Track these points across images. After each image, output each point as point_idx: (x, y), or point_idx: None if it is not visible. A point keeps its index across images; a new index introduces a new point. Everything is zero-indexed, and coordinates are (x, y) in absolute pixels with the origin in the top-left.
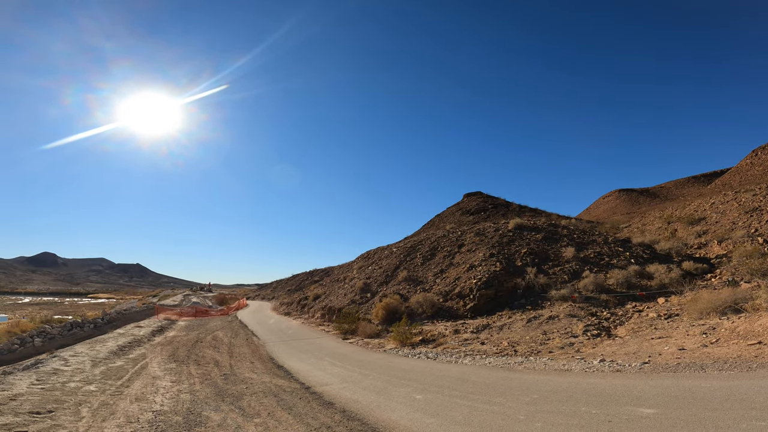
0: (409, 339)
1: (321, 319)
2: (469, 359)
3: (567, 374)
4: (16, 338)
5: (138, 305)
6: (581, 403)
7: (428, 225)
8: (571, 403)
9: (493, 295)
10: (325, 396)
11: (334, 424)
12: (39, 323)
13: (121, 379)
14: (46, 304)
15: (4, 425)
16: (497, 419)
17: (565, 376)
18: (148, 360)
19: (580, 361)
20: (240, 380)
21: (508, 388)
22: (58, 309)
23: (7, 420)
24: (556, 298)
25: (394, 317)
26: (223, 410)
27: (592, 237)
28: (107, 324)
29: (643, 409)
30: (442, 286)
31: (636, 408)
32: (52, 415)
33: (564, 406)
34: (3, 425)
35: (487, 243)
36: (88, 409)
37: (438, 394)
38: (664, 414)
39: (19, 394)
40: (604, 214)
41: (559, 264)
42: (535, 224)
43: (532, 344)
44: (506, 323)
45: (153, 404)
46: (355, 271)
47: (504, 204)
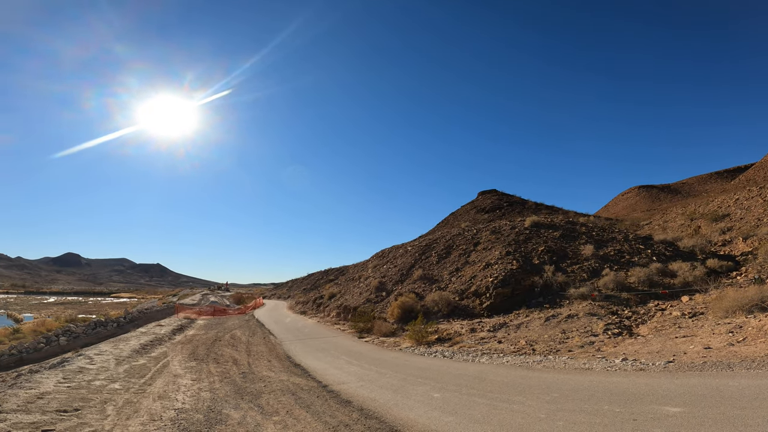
0: (425, 338)
1: (336, 318)
2: (486, 358)
3: (588, 373)
4: (42, 337)
5: (158, 304)
6: (604, 402)
7: (443, 223)
8: (593, 401)
9: (509, 293)
10: (343, 394)
11: (352, 422)
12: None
13: (144, 377)
14: (71, 303)
15: (31, 423)
16: (517, 418)
17: (586, 375)
18: (170, 358)
19: (601, 360)
20: (258, 378)
21: (527, 386)
22: (83, 308)
23: (34, 418)
24: (575, 297)
25: (409, 316)
26: (242, 408)
27: (612, 234)
28: (129, 323)
29: (669, 407)
30: (457, 284)
31: (662, 407)
32: (78, 413)
33: (586, 404)
34: (31, 423)
35: (503, 241)
36: (113, 407)
37: (456, 392)
38: (692, 413)
39: (46, 392)
40: (623, 212)
41: (578, 262)
42: (552, 222)
43: (551, 343)
44: (524, 322)
45: (175, 402)
46: (370, 270)
47: (519, 202)
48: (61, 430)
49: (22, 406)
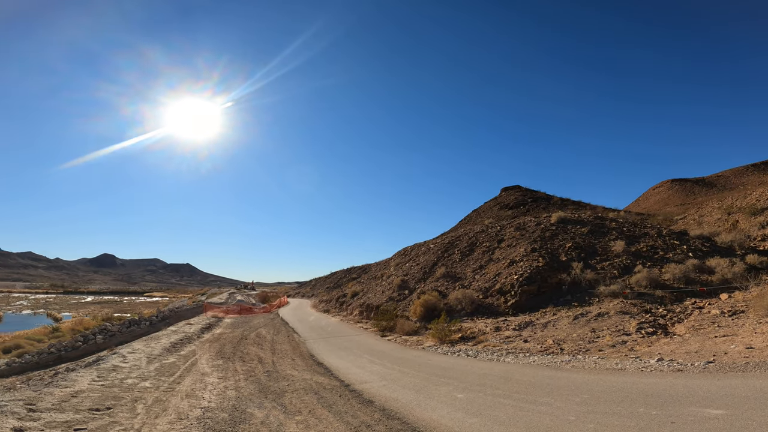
0: (448, 336)
1: (359, 317)
2: (511, 357)
3: (621, 374)
4: (80, 335)
5: (188, 303)
6: (639, 404)
7: (465, 220)
8: (627, 403)
9: (535, 291)
10: (365, 394)
11: (373, 422)
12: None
13: (173, 375)
14: (107, 302)
15: (64, 422)
16: (545, 419)
17: (619, 376)
18: (198, 357)
19: (635, 360)
20: (282, 377)
21: (555, 387)
22: (118, 307)
23: (68, 417)
24: (605, 294)
25: (432, 314)
26: (266, 407)
27: (644, 230)
28: (161, 321)
29: (710, 410)
30: (481, 282)
31: (702, 409)
32: (110, 411)
33: (619, 407)
34: (64, 422)
35: (528, 237)
36: (143, 406)
37: (480, 393)
38: (735, 415)
39: (81, 390)
40: (655, 206)
41: (608, 258)
42: (579, 217)
43: (580, 342)
44: (551, 320)
45: (201, 401)
46: (392, 268)
47: (544, 197)
48: (92, 428)
49: (57, 404)
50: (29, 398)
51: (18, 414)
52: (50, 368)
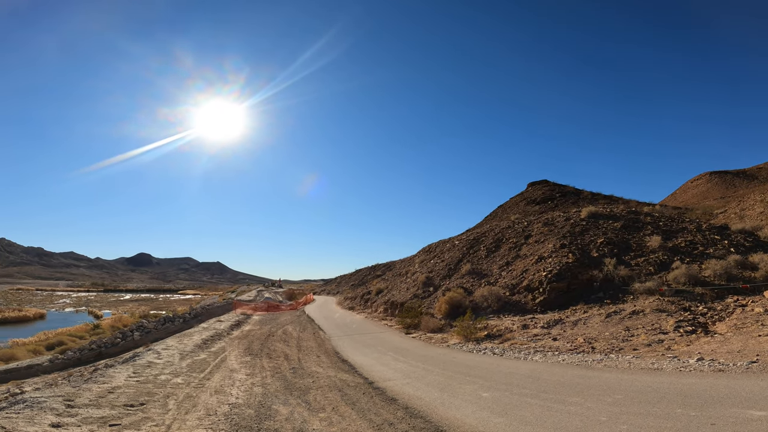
0: (474, 334)
1: (384, 314)
2: (539, 356)
3: (657, 374)
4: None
5: (219, 301)
6: (676, 405)
7: (491, 216)
8: (663, 404)
9: (565, 288)
10: (388, 392)
11: (396, 420)
12: (138, 318)
13: (203, 371)
14: (143, 300)
15: (100, 418)
16: (574, 420)
17: (655, 376)
18: (227, 353)
19: (672, 360)
20: (307, 374)
21: (585, 387)
22: (153, 305)
23: (103, 413)
24: (640, 292)
25: (457, 311)
26: (290, 404)
27: (682, 224)
28: (193, 318)
29: (753, 411)
30: (508, 279)
31: (744, 410)
32: (143, 407)
33: (655, 407)
34: (99, 418)
35: (557, 233)
36: (174, 402)
37: (506, 392)
38: None
39: (117, 386)
40: (693, 200)
41: (643, 254)
42: (611, 212)
43: (613, 341)
44: (581, 318)
45: (229, 397)
46: (416, 265)
47: (573, 192)
48: (126, 424)
49: (94, 400)
50: (68, 394)
51: (57, 410)
52: (90, 364)
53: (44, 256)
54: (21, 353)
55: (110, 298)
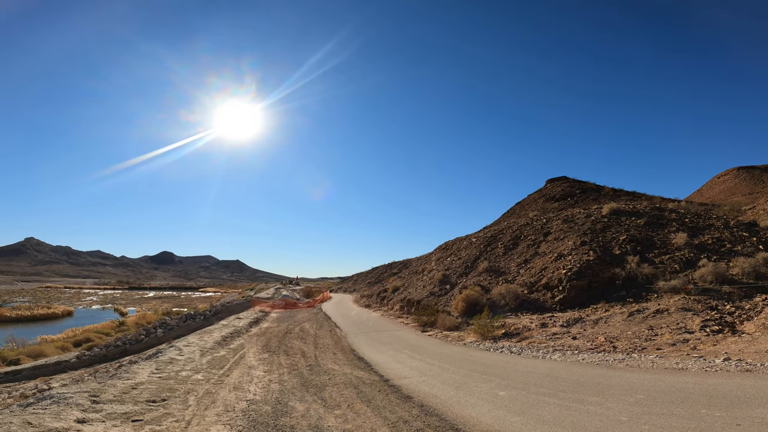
0: (491, 332)
1: (400, 311)
2: (558, 355)
3: (681, 373)
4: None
5: (238, 298)
6: (701, 405)
7: (508, 213)
8: (687, 404)
9: (586, 286)
10: (404, 389)
11: (411, 418)
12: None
13: (223, 368)
14: (166, 297)
15: (123, 414)
16: (593, 420)
17: (679, 376)
18: (246, 350)
19: (698, 360)
20: (323, 371)
21: (606, 386)
22: (176, 302)
23: (127, 408)
24: (664, 290)
25: (474, 309)
26: (307, 401)
27: (709, 221)
28: (214, 315)
29: None
30: (526, 277)
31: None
32: (165, 403)
33: (678, 407)
34: (123, 413)
35: (577, 230)
36: (194, 398)
37: (523, 390)
38: None
39: (140, 383)
40: (720, 196)
41: (668, 252)
42: (634, 208)
43: (635, 340)
44: (602, 317)
45: (247, 393)
46: (433, 263)
47: (594, 188)
48: (148, 419)
49: (118, 396)
50: (94, 390)
51: (82, 406)
52: (115, 360)
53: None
54: (49, 350)
55: (135, 295)
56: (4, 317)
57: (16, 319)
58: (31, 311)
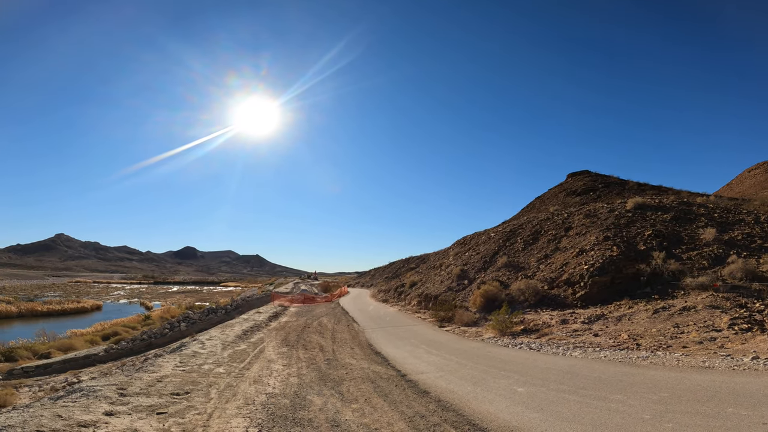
0: (510, 328)
1: (417, 306)
2: (579, 351)
3: (708, 372)
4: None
5: (258, 293)
6: (727, 404)
7: (528, 208)
8: (713, 403)
9: (609, 282)
10: (421, 384)
11: (428, 413)
12: (184, 309)
13: (243, 361)
14: (189, 292)
15: (149, 406)
16: (615, 417)
17: (705, 374)
18: (265, 344)
19: (725, 358)
20: (341, 365)
21: (628, 384)
22: (198, 296)
23: (152, 401)
24: (691, 287)
25: (492, 305)
26: (324, 394)
27: (739, 216)
28: (234, 310)
29: None
30: (546, 272)
31: None
32: (188, 396)
33: (704, 406)
34: (148, 406)
35: (600, 225)
36: (216, 391)
37: (542, 387)
38: None
39: (165, 376)
40: (750, 190)
41: (696, 248)
42: (661, 203)
43: (660, 338)
44: (626, 314)
45: (267, 387)
46: (451, 258)
47: (617, 182)
48: (172, 412)
49: (144, 389)
50: (121, 383)
51: (110, 398)
52: (141, 354)
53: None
54: (79, 343)
55: (159, 290)
56: (36, 311)
57: (48, 313)
58: (61, 306)
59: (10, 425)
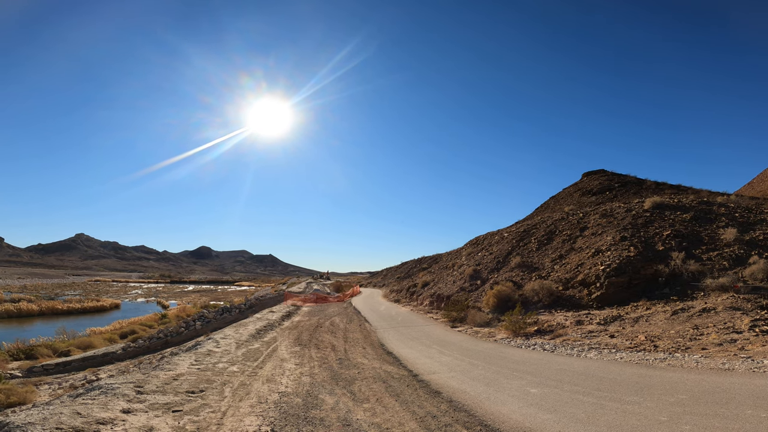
0: (523, 329)
1: (429, 307)
2: (594, 353)
3: (727, 374)
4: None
5: (271, 292)
6: (746, 407)
7: (542, 208)
8: (732, 405)
9: (626, 283)
10: (432, 384)
11: (440, 413)
12: (199, 308)
13: (256, 360)
14: (204, 291)
15: (165, 404)
16: (630, 419)
17: (725, 376)
18: (278, 343)
19: (745, 360)
20: (353, 365)
21: (645, 386)
22: (213, 296)
23: (168, 399)
24: (711, 288)
25: (506, 305)
26: (336, 394)
27: (761, 215)
28: (248, 309)
29: None
30: (561, 273)
31: None
32: (202, 394)
33: (722, 408)
34: (164, 404)
35: (616, 225)
36: (230, 389)
37: (556, 388)
38: None
39: (180, 374)
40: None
41: (716, 248)
42: (679, 202)
43: (679, 339)
44: (643, 315)
45: (279, 386)
46: (463, 258)
47: (635, 181)
48: (186, 410)
49: (160, 387)
50: (138, 381)
51: (128, 396)
52: (158, 352)
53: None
54: (98, 341)
55: (176, 289)
56: (56, 310)
57: (68, 311)
58: (81, 304)
59: (29, 423)
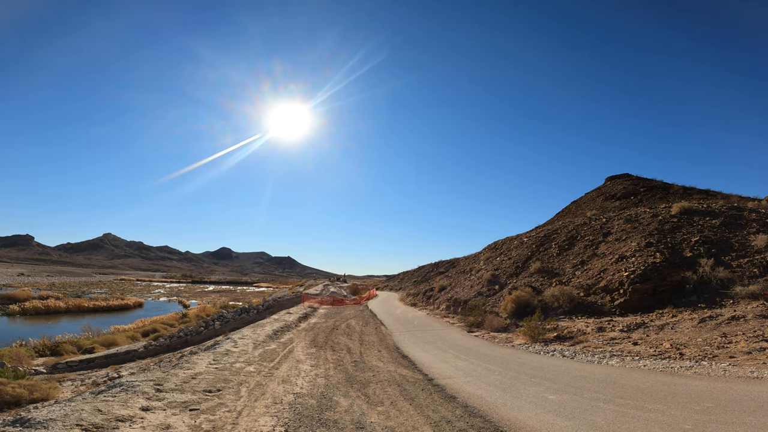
0: (542, 335)
1: (446, 311)
2: (616, 360)
3: (756, 382)
4: (202, 321)
5: (289, 294)
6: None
7: (563, 213)
8: (759, 413)
9: (651, 290)
10: (448, 389)
11: (454, 418)
12: (219, 308)
13: (273, 361)
14: (224, 292)
15: (182, 402)
16: (653, 427)
17: (754, 385)
18: (294, 344)
19: None
20: (368, 368)
21: (669, 394)
22: (232, 296)
23: (186, 398)
24: (741, 296)
25: (524, 311)
26: (351, 396)
27: None
28: (266, 310)
29: None
30: (582, 279)
31: None
32: (219, 393)
33: (750, 417)
34: (182, 402)
35: (641, 231)
36: (246, 389)
37: (575, 395)
38: None
39: (199, 373)
40: None
41: (747, 255)
42: (708, 208)
43: (706, 347)
44: (668, 322)
45: (294, 387)
46: (482, 263)
47: (661, 186)
48: (203, 409)
49: (179, 385)
50: (158, 379)
51: (147, 394)
52: (178, 351)
53: (143, 249)
54: (121, 339)
55: (197, 289)
56: (82, 307)
57: (94, 309)
58: (106, 302)
59: (51, 419)
